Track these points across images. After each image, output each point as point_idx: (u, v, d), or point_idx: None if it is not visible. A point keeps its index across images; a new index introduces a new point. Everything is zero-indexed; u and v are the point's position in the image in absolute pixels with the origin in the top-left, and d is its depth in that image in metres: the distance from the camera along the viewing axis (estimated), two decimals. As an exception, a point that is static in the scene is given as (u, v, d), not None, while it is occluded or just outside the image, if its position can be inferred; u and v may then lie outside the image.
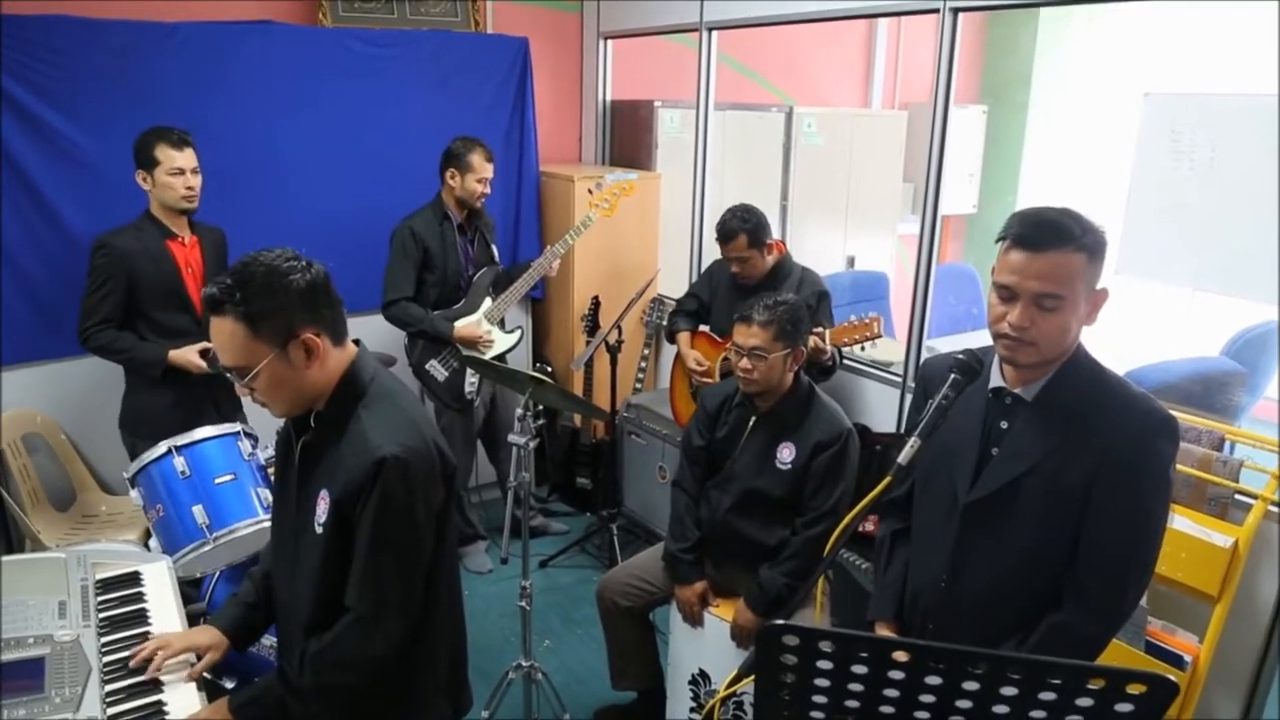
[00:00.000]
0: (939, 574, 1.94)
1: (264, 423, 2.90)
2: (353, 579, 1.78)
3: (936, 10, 3.22)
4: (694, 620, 2.95)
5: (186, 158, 3.24)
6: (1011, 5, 3.17)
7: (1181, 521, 2.51)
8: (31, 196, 3.57)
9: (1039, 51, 6.18)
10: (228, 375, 1.79)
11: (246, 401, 1.84)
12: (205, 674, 1.99)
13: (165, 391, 3.30)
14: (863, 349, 3.36)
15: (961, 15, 3.20)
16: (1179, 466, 2.54)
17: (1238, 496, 2.53)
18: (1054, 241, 1.67)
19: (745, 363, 2.79)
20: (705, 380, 3.71)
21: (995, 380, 1.87)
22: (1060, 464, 1.77)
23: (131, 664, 1.95)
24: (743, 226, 3.54)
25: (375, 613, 1.76)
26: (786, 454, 2.84)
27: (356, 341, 1.91)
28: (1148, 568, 1.80)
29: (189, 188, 3.25)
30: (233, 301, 1.69)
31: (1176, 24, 5.27)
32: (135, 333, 3.29)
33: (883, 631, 2.10)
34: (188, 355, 3.22)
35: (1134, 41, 5.60)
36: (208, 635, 2.04)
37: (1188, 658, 2.46)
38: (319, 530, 1.81)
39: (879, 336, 3.27)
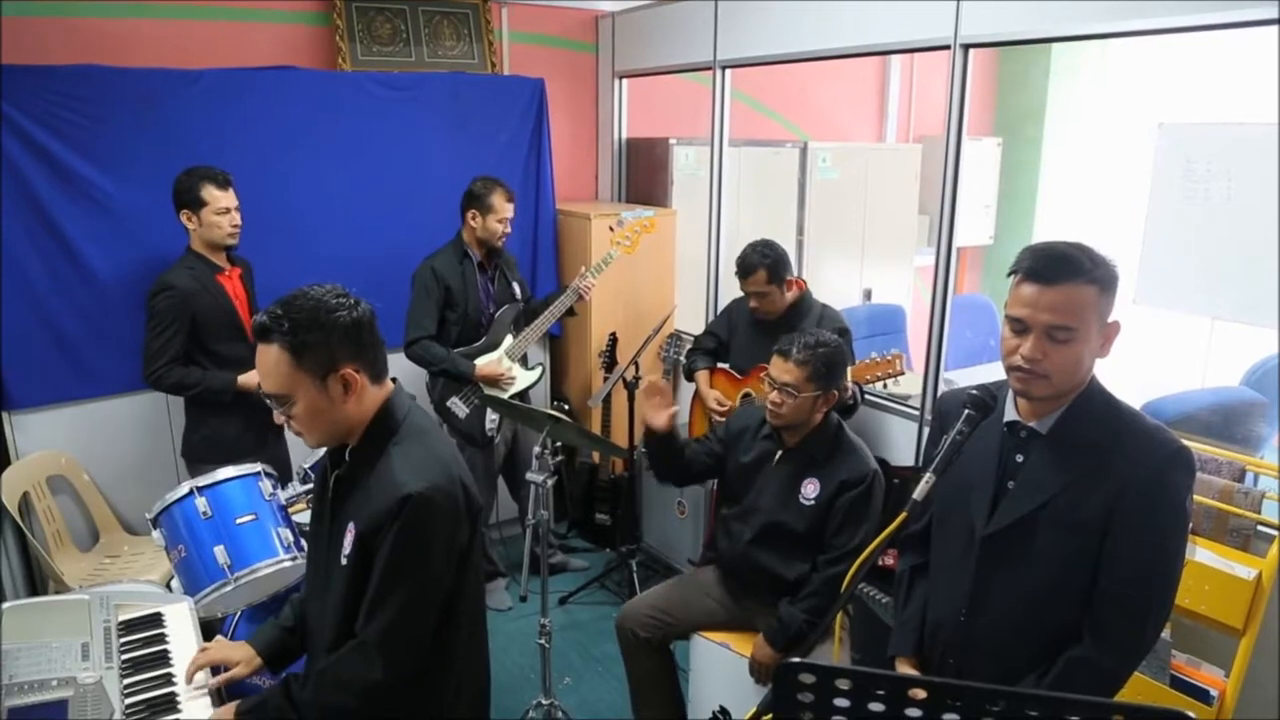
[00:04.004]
0: (958, 607, 1.94)
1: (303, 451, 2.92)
2: (364, 606, 1.83)
3: (948, 47, 3.25)
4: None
5: (230, 197, 3.40)
6: (1022, 41, 3.19)
7: (1204, 554, 2.48)
8: (57, 240, 3.63)
9: (1052, 84, 6.20)
10: (267, 400, 1.85)
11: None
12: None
13: (232, 420, 3.44)
14: (885, 386, 3.37)
15: (973, 51, 3.24)
16: (1200, 498, 2.54)
17: (1260, 528, 2.50)
18: (1065, 274, 1.69)
19: (775, 396, 2.80)
20: (724, 421, 3.71)
21: (1010, 414, 1.88)
22: (1077, 496, 1.78)
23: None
24: (762, 261, 3.56)
25: (379, 640, 1.80)
26: (811, 489, 2.84)
27: (394, 380, 1.97)
28: (1167, 601, 1.79)
29: (234, 225, 3.42)
30: (280, 331, 1.76)
31: (1190, 55, 5.28)
32: (197, 366, 3.40)
33: (903, 667, 2.09)
34: (253, 378, 3.32)
35: (1147, 73, 5.61)
36: (241, 652, 2.11)
37: (1214, 692, 2.43)
38: (344, 562, 1.86)
39: (901, 374, 3.27)
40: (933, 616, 2.04)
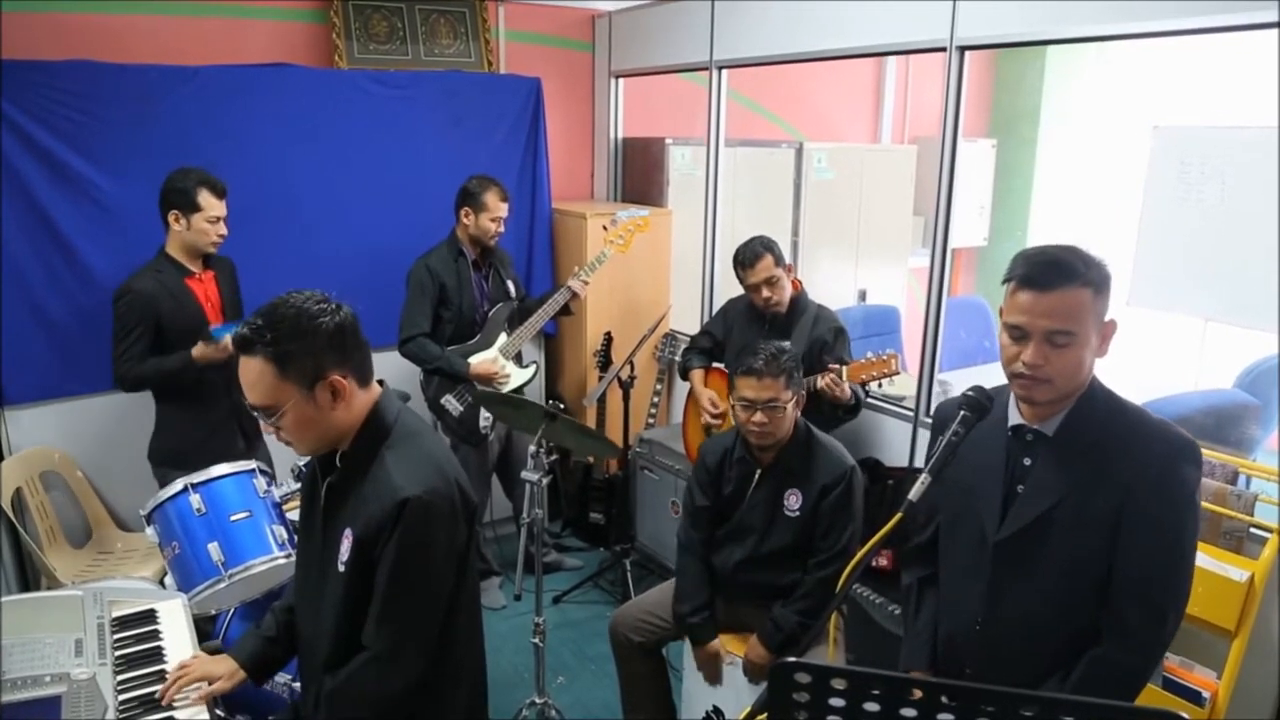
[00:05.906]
0: (973, 616, 1.93)
1: (284, 455, 2.91)
2: (371, 617, 1.80)
3: (944, 49, 3.26)
4: (713, 678, 2.92)
5: (223, 207, 3.34)
6: (1018, 44, 3.19)
7: (1197, 556, 2.49)
8: (51, 236, 3.63)
9: (1047, 86, 6.21)
10: (254, 413, 1.81)
11: (269, 436, 1.87)
12: (219, 712, 2.00)
13: (196, 425, 3.38)
14: (880, 386, 3.36)
15: (969, 53, 3.24)
16: (1194, 499, 2.54)
17: (1253, 530, 2.51)
18: (1060, 279, 1.68)
19: (760, 416, 2.75)
20: (716, 423, 3.71)
21: (1014, 418, 1.87)
22: (1087, 496, 1.77)
23: (158, 694, 1.98)
24: (765, 247, 3.55)
25: (393, 651, 1.78)
26: (794, 501, 2.83)
27: (380, 382, 1.94)
28: (1184, 594, 1.80)
29: (220, 235, 3.35)
30: (263, 342, 1.72)
31: (1185, 57, 5.30)
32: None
33: (916, 680, 2.08)
34: (208, 351, 3.23)
35: (1143, 75, 5.63)
36: (224, 666, 2.07)
37: (1206, 694, 2.44)
38: (341, 569, 1.84)
39: (896, 373, 3.27)
40: (947, 627, 2.02)
